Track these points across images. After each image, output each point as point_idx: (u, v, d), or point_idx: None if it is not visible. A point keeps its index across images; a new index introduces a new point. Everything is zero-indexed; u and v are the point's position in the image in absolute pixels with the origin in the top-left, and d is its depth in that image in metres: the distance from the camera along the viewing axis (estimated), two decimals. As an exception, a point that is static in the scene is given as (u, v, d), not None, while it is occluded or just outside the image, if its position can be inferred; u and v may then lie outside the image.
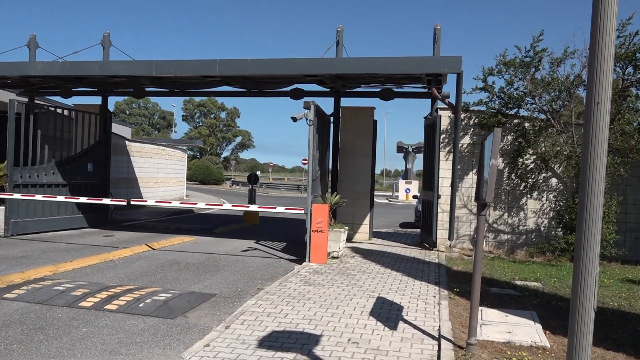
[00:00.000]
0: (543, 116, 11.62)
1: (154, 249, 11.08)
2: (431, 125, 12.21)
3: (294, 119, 9.90)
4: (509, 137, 12.07)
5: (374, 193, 13.94)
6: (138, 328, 5.61)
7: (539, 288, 7.96)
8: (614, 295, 7.58)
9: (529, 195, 12.06)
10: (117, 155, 19.28)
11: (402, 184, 41.84)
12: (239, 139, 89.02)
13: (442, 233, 11.80)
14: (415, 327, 5.68)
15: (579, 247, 2.81)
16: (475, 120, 12.34)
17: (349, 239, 12.55)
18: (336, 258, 10.11)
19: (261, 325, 5.62)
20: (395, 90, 12.63)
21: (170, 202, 17.88)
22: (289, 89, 13.05)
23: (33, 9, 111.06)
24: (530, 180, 11.75)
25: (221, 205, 12.23)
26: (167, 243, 11.99)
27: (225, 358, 4.64)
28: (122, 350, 4.90)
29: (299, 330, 5.49)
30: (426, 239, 12.46)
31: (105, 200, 12.06)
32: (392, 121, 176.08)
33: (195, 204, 13.50)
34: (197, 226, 15.95)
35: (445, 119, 12.24)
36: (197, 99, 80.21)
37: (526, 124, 11.78)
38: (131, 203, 11.64)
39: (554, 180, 11.95)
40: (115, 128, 19.30)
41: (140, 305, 6.42)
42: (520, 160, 11.79)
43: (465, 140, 12.42)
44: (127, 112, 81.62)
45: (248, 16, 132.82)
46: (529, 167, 11.83)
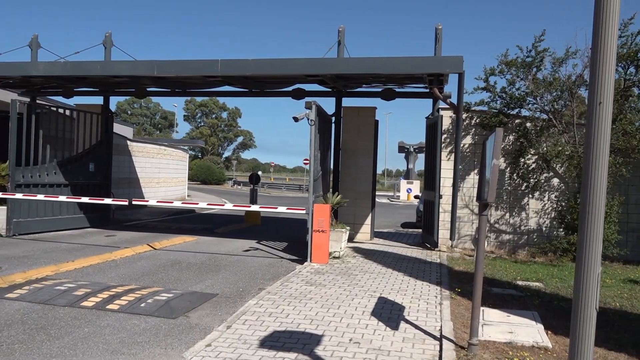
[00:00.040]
0: (545, 116, 11.61)
1: (155, 249, 11.09)
2: (433, 125, 12.20)
3: (296, 119, 9.91)
4: (511, 137, 12.06)
5: (376, 193, 13.94)
6: (140, 328, 5.62)
7: (540, 288, 7.95)
8: (616, 296, 7.57)
9: (530, 196, 12.06)
10: (119, 155, 19.31)
11: (404, 184, 41.87)
12: (240, 139, 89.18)
13: (444, 233, 11.79)
14: (416, 327, 5.68)
15: (581, 247, 2.81)
16: (477, 120, 12.33)
17: (351, 239, 12.56)
18: (338, 258, 10.11)
19: (263, 325, 5.62)
20: (397, 90, 12.63)
21: (171, 202, 17.90)
22: (290, 89, 13.06)
23: (34, 9, 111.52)
24: (532, 180, 11.74)
25: (223, 205, 12.23)
26: (169, 243, 12.01)
27: (226, 358, 4.65)
28: (124, 350, 4.90)
29: (301, 330, 5.49)
30: (428, 239, 12.46)
31: (107, 200, 12.07)
32: (394, 121, 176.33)
33: (197, 204, 13.49)
34: (199, 226, 15.96)
35: (446, 119, 12.24)
36: (199, 99, 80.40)
37: (528, 124, 11.76)
38: (133, 203, 11.65)
39: (555, 180, 11.94)
40: (117, 128, 19.34)
41: (142, 305, 6.43)
42: (522, 160, 11.79)
43: (467, 140, 12.42)
44: (129, 112, 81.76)
45: (248, 16, 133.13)
46: (531, 167, 11.82)
